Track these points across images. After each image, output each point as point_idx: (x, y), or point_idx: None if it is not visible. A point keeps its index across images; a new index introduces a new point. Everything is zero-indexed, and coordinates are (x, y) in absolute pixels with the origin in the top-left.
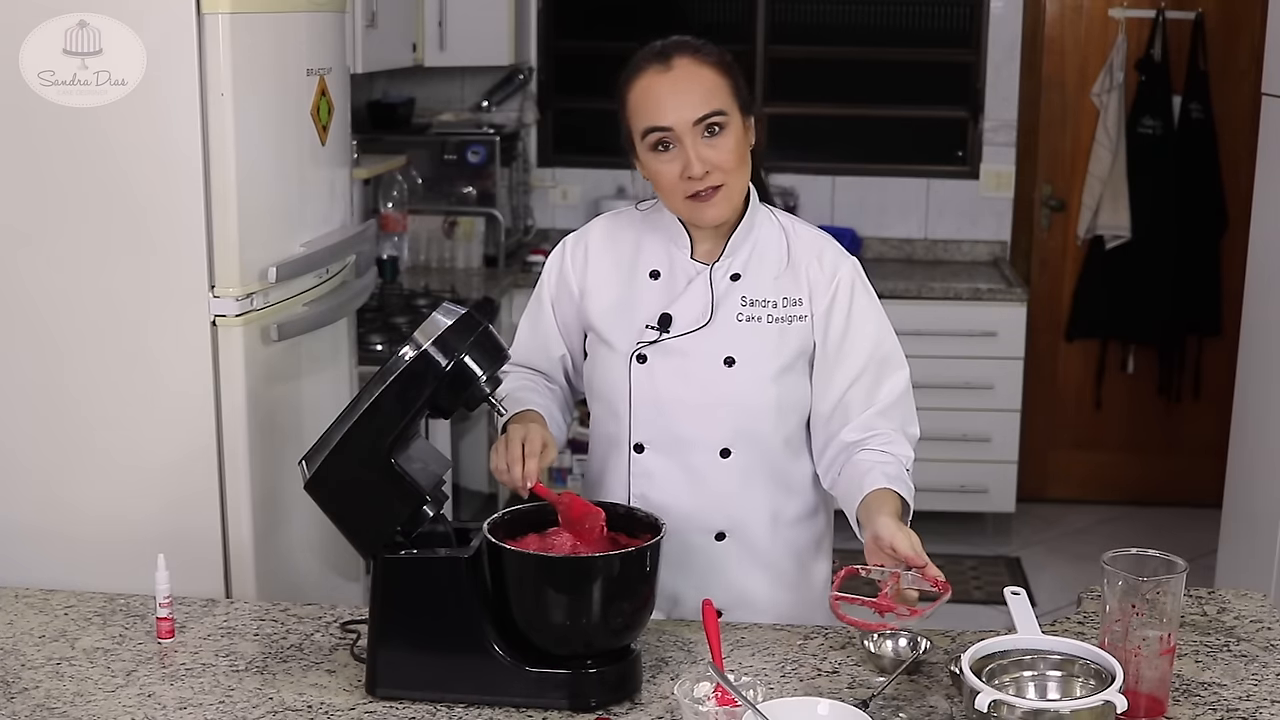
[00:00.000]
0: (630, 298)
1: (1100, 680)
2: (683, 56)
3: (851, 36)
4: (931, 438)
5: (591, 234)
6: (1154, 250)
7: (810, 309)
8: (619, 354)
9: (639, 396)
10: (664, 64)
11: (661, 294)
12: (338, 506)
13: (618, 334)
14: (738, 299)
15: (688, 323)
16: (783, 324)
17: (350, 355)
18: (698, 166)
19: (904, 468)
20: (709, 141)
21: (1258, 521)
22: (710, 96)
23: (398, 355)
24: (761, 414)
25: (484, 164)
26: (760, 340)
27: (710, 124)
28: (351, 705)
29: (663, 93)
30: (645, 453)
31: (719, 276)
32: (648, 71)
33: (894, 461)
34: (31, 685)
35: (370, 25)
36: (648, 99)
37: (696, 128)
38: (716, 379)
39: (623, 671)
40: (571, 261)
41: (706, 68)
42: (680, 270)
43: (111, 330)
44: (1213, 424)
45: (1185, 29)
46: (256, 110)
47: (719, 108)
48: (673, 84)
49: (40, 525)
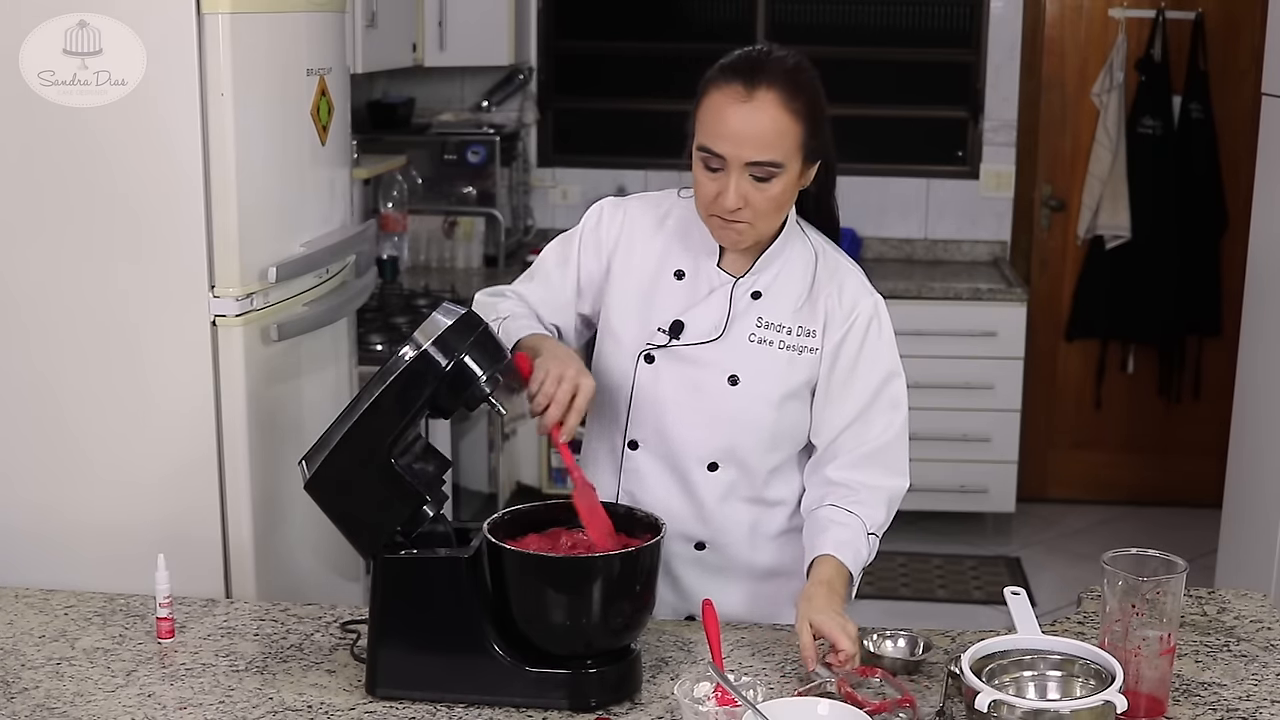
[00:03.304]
0: (650, 294)
1: (1100, 680)
2: (769, 92)
3: (851, 36)
4: (931, 438)
5: (631, 210)
6: (1154, 250)
7: (822, 341)
8: (626, 350)
9: (640, 395)
10: (747, 91)
11: (681, 297)
12: (338, 506)
13: (630, 330)
14: (754, 319)
15: (699, 333)
16: (792, 352)
17: (350, 355)
18: (732, 201)
19: (865, 531)
20: (755, 184)
21: (1258, 521)
22: (774, 145)
23: (398, 355)
24: (756, 436)
25: (484, 164)
26: (768, 363)
27: (761, 171)
28: (351, 705)
29: (730, 122)
30: (639, 450)
31: (740, 293)
32: (728, 90)
33: (853, 525)
34: (31, 685)
35: (370, 25)
36: (715, 120)
37: (747, 168)
38: (718, 394)
39: (623, 671)
40: (608, 227)
41: (784, 113)
42: (704, 276)
43: (111, 330)
44: (1213, 424)
45: (1185, 29)
46: (256, 110)
47: (776, 159)
48: (743, 119)
49: (40, 525)
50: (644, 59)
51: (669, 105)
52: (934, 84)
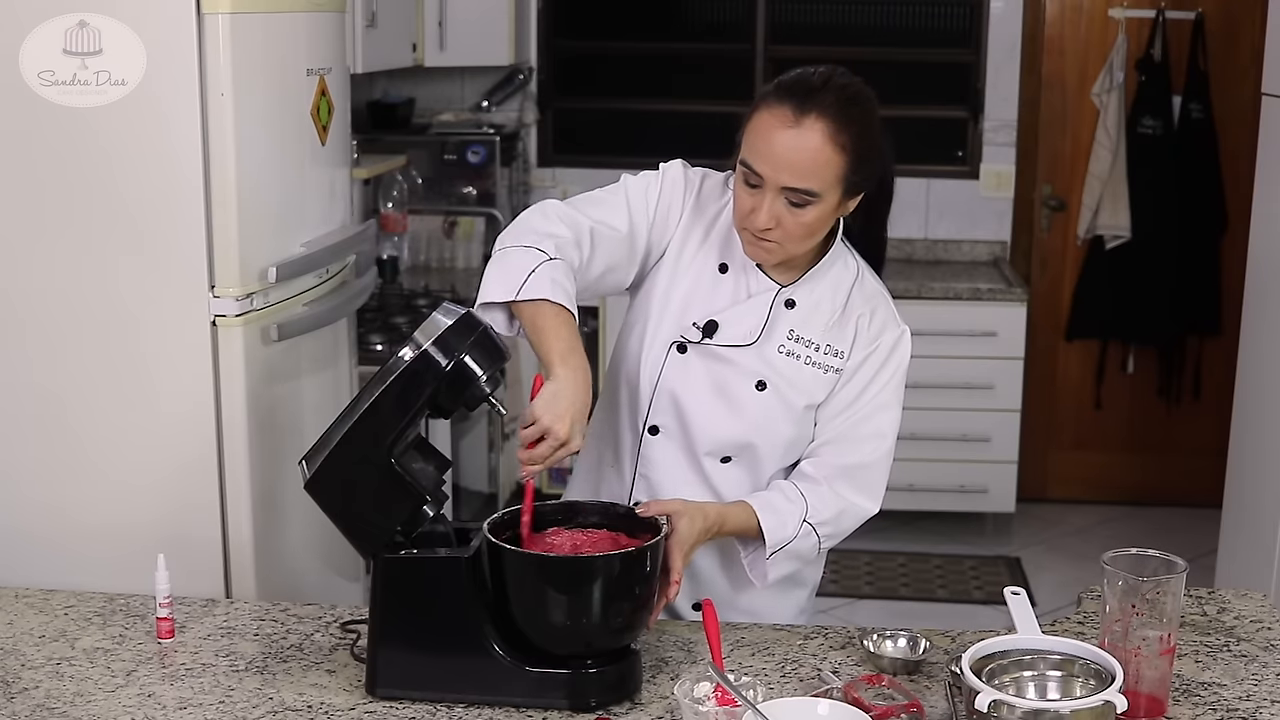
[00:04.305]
0: (695, 284)
1: (1100, 680)
2: (818, 121)
3: (851, 36)
4: (931, 438)
5: (705, 186)
6: (1154, 250)
7: (845, 363)
8: (660, 336)
9: (666, 383)
10: (796, 117)
11: (724, 293)
12: (338, 506)
13: (669, 316)
14: (786, 330)
15: (734, 336)
16: (818, 370)
17: (350, 355)
18: (764, 221)
19: (802, 516)
20: (789, 208)
21: (1258, 521)
22: (813, 174)
23: (398, 355)
24: (774, 441)
25: (484, 164)
26: (796, 376)
27: (797, 197)
28: (351, 705)
29: (775, 145)
30: (658, 436)
31: (779, 300)
32: (778, 112)
33: (794, 503)
34: (31, 685)
35: (370, 25)
36: (760, 139)
37: (784, 191)
38: (745, 397)
39: (623, 671)
40: (689, 190)
41: (829, 144)
42: (748, 277)
43: (111, 330)
44: (1213, 424)
45: (1185, 29)
46: (256, 110)
47: (813, 188)
48: (786, 144)
49: (40, 525)
50: (644, 59)
51: (669, 105)
52: (934, 84)
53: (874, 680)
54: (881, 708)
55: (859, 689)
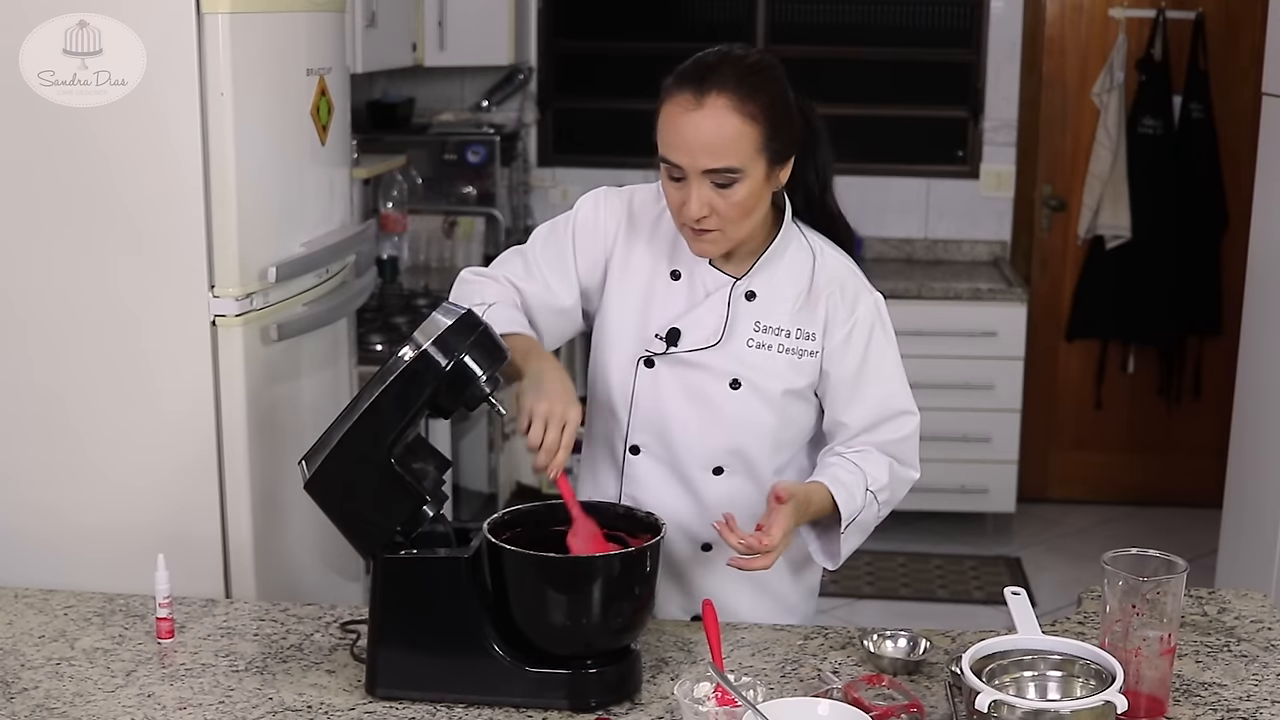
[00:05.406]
0: (649, 296)
1: (1100, 680)
2: (719, 96)
3: (851, 36)
4: (931, 438)
5: (635, 201)
6: (1154, 250)
7: (822, 343)
8: (625, 354)
9: (640, 400)
10: (697, 98)
11: (679, 299)
12: (338, 506)
13: (628, 334)
14: (751, 323)
15: (698, 339)
16: (792, 356)
17: (350, 355)
18: (695, 210)
19: (864, 485)
20: (717, 191)
21: (1258, 521)
22: (729, 150)
23: (397, 355)
24: (760, 438)
25: (484, 164)
26: (769, 367)
27: (721, 178)
28: (351, 705)
29: (683, 131)
30: (640, 455)
31: (737, 295)
32: (679, 99)
33: (856, 472)
34: (31, 685)
35: (370, 25)
36: (669, 130)
37: (706, 175)
38: (720, 399)
39: (623, 671)
40: (606, 219)
41: (737, 117)
42: (701, 278)
43: (111, 330)
44: (1213, 424)
45: (1185, 29)
46: (256, 110)
47: (733, 164)
48: (694, 126)
49: (40, 525)
50: (644, 59)
51: None
52: (934, 84)
53: (874, 680)
54: (882, 708)
55: (859, 689)
